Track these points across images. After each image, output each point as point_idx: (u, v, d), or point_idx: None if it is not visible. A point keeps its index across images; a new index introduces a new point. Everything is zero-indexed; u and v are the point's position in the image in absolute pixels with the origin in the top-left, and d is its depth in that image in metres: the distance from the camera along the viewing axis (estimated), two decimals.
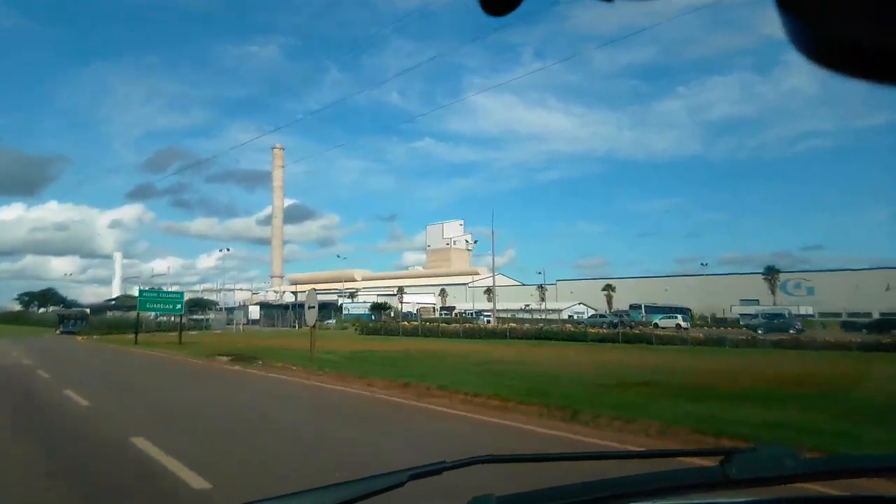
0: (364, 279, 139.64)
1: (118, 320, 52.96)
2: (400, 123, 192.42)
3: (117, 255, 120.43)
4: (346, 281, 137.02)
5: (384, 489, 0.96)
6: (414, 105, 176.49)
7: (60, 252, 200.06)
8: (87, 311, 60.84)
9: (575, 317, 59.25)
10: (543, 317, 59.54)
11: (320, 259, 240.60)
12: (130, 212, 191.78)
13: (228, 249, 67.36)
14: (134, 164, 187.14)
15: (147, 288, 39.72)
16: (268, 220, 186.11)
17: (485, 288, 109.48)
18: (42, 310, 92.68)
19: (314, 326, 19.58)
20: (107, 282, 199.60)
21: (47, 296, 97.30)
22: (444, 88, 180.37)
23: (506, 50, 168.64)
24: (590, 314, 60.25)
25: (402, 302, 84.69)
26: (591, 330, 35.07)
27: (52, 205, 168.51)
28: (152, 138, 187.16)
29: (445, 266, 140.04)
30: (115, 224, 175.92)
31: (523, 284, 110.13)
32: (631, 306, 57.56)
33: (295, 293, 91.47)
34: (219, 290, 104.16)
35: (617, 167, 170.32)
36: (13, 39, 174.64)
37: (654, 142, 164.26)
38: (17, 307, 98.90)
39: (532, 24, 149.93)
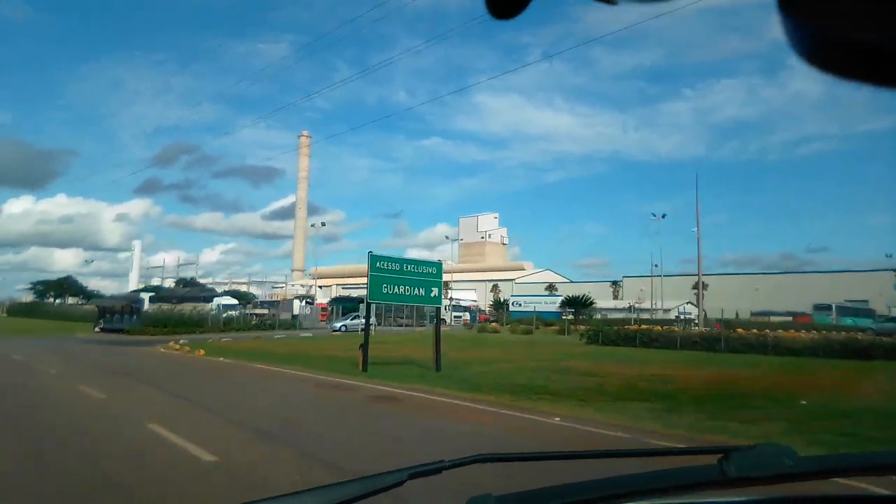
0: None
1: (167, 315, 41.03)
2: (407, 121, 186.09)
3: (136, 244, 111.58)
4: None
5: (384, 488, 0.96)
6: (422, 103, 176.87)
7: (64, 244, 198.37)
8: (145, 297, 46.28)
9: (682, 317, 51.39)
10: (649, 317, 51.57)
11: (329, 254, 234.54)
12: (137, 206, 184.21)
13: (324, 224, 55.09)
14: (142, 159, 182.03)
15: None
16: (273, 216, 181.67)
17: (544, 284, 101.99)
18: (58, 300, 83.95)
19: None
20: (111, 275, 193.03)
21: (64, 285, 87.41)
22: (452, 87, 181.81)
23: (514, 50, 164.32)
24: (684, 315, 52.65)
25: (449, 299, 76.58)
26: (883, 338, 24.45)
27: (61, 198, 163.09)
28: (160, 133, 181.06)
29: (480, 261, 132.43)
30: (121, 217, 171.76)
31: (572, 281, 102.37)
32: (816, 307, 49.38)
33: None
34: (248, 283, 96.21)
35: (622, 167, 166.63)
36: (24, 33, 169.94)
37: (658, 143, 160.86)
38: (27, 298, 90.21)
39: (541, 25, 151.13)
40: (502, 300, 75.34)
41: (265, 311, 50.85)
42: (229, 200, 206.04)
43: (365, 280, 17.70)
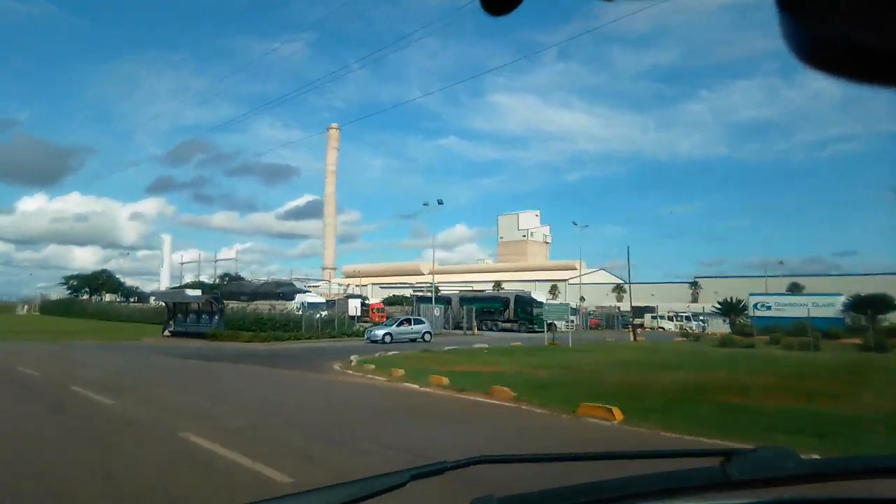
0: (431, 273, 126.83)
1: (253, 316, 35.53)
2: (424, 121, 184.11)
3: (166, 239, 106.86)
4: (412, 274, 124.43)
5: (386, 489, 0.96)
6: (438, 103, 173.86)
7: (81, 242, 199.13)
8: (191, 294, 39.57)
9: None
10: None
11: (347, 254, 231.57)
12: (152, 204, 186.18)
13: (440, 202, 46.47)
14: (156, 157, 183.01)
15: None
16: (288, 215, 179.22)
17: (603, 284, 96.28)
18: (95, 297, 78.95)
19: None
20: (133, 273, 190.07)
21: (101, 280, 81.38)
22: (469, 86, 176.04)
23: (532, 50, 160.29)
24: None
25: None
26: None
27: (75, 196, 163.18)
28: (175, 132, 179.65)
29: (520, 260, 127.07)
30: (135, 216, 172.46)
31: (625, 282, 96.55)
32: None
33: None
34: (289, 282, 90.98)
35: (640, 168, 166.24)
36: (41, 30, 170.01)
37: (678, 143, 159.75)
38: (55, 295, 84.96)
39: (558, 24, 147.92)
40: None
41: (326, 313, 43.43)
42: (244, 199, 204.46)
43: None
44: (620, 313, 54.70)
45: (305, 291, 45.47)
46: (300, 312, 36.74)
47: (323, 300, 46.56)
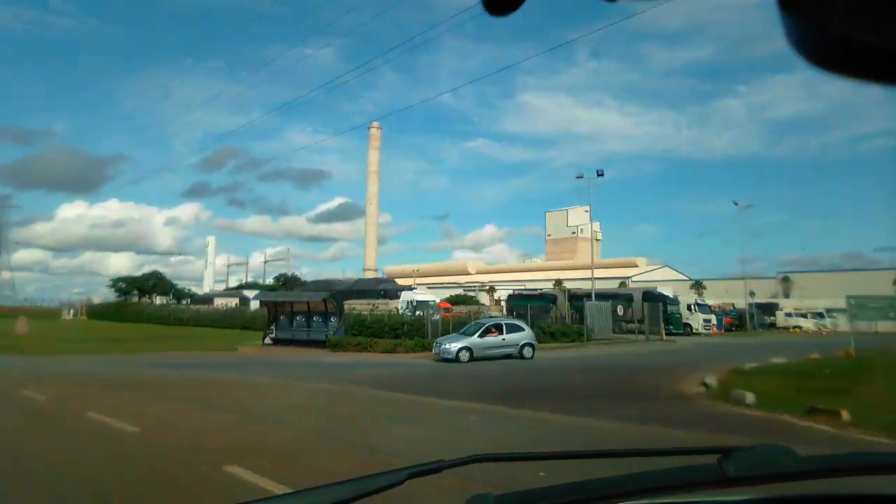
0: (479, 272, 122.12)
1: (371, 319, 30.01)
2: (453, 123, 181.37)
3: (210, 240, 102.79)
4: (458, 274, 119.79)
5: (383, 488, 0.96)
6: (468, 104, 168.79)
7: (117, 248, 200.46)
8: (250, 294, 32.58)
9: None
10: None
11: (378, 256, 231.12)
12: (185, 210, 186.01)
13: (600, 173, 36.76)
14: (191, 164, 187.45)
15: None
16: (320, 218, 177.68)
17: (678, 281, 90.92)
18: (145, 299, 74.55)
19: None
20: (173, 277, 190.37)
21: (152, 282, 76.88)
22: (499, 88, 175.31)
23: (561, 49, 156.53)
24: None
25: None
26: None
27: (113, 203, 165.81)
28: (209, 139, 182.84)
29: (570, 257, 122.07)
30: (171, 221, 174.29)
31: (694, 280, 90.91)
32: None
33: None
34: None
35: (674, 166, 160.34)
36: (78, 41, 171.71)
37: (713, 141, 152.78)
38: (96, 298, 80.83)
39: (588, 23, 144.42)
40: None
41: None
42: (276, 203, 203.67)
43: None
44: (753, 311, 48.79)
45: (411, 289, 39.83)
46: (407, 313, 31.72)
47: (433, 298, 41.51)
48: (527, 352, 23.39)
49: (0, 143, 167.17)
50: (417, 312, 34.03)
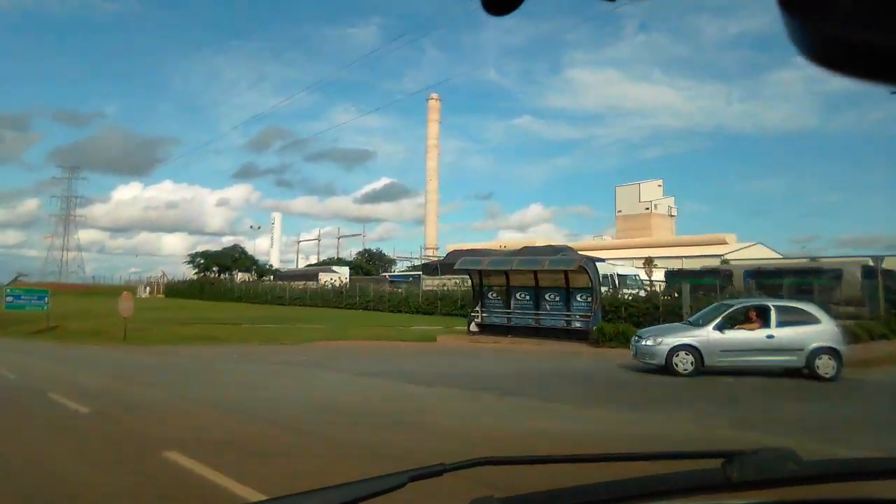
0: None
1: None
2: (497, 100, 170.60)
3: (276, 216, 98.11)
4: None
5: (383, 491, 0.96)
6: (512, 82, 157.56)
7: (170, 229, 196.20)
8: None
9: None
10: None
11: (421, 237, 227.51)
12: (238, 191, 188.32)
13: None
14: (239, 145, 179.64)
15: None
16: (365, 199, 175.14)
17: (762, 260, 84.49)
18: (224, 275, 70.16)
19: None
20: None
21: (235, 256, 71.77)
22: (544, 66, 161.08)
23: (610, 23, 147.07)
24: None
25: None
26: None
27: (167, 184, 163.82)
28: (256, 120, 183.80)
29: (644, 235, 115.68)
30: (222, 202, 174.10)
31: (789, 258, 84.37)
32: None
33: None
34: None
35: (725, 143, 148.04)
36: (123, 25, 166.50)
37: (766, 116, 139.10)
38: (163, 279, 76.47)
39: None
40: None
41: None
42: (322, 184, 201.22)
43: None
44: None
45: (601, 260, 33.52)
46: (609, 290, 26.22)
47: (636, 272, 35.94)
48: (824, 365, 12.27)
49: (56, 127, 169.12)
50: (625, 290, 28.54)
